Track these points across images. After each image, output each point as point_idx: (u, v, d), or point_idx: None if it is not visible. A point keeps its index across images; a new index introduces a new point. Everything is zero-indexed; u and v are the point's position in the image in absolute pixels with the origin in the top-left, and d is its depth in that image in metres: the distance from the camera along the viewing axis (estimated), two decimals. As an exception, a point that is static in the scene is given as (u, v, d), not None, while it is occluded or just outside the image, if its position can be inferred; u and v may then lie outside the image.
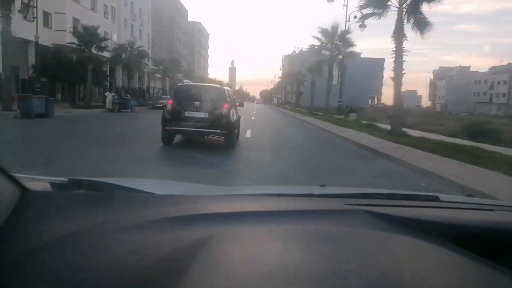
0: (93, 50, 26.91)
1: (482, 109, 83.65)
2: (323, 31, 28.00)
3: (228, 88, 10.42)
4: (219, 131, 8.58)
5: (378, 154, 9.48)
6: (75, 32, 26.23)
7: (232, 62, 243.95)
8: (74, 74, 25.84)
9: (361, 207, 0.97)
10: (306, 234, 0.78)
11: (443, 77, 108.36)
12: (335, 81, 29.41)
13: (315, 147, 11.67)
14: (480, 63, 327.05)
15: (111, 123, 17.37)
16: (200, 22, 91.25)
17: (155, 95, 38.36)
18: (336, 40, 27.75)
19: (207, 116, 8.55)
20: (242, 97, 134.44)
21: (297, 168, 7.06)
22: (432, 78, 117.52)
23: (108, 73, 36.31)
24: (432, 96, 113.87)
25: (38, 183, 1.00)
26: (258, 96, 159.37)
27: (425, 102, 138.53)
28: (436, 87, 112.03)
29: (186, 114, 8.56)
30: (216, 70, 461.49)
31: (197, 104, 8.65)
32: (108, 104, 26.08)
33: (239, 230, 0.78)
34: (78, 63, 26.17)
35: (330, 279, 0.57)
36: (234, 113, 9.45)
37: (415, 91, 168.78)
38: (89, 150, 7.99)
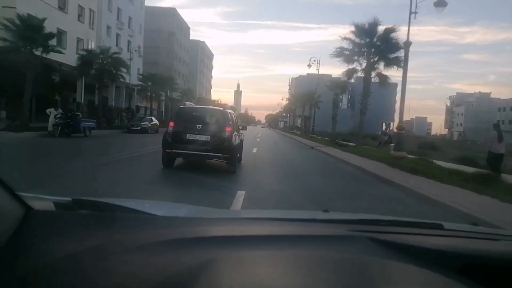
0: (36, 51, 19.00)
1: (509, 139, 74.74)
2: (358, 29, 18.91)
3: (231, 111, 9.67)
4: (220, 155, 8.16)
5: None
6: (7, 25, 18.30)
7: (238, 86, 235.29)
8: (6, 83, 17.88)
9: (364, 234, 0.95)
10: (308, 260, 0.77)
11: (461, 103, 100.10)
12: (345, 103, 21.48)
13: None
14: (486, 91, 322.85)
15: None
16: (203, 41, 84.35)
17: (137, 115, 30.14)
18: (376, 41, 19.09)
19: (209, 139, 8.21)
20: (247, 121, 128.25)
21: None
22: (448, 104, 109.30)
23: (75, 85, 28.49)
24: (449, 123, 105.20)
25: (42, 202, 0.99)
26: (263, 120, 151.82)
27: (436, 129, 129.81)
28: (453, 114, 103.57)
29: (187, 137, 8.20)
30: (222, 93, 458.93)
31: (199, 127, 8.29)
32: (50, 126, 17.92)
33: (240, 254, 0.77)
34: (11, 68, 18.18)
35: None
36: (237, 136, 8.99)
37: (425, 117, 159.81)
38: None
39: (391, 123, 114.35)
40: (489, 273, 0.83)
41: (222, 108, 9.63)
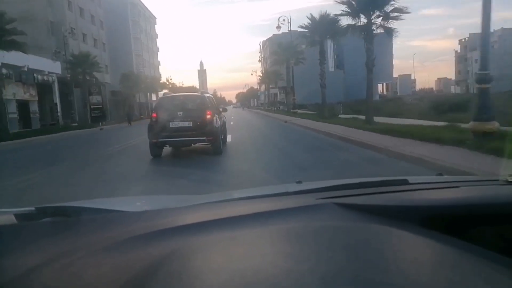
0: None
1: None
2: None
3: (210, 95, 10.75)
4: (204, 138, 8.64)
5: None
6: None
7: (201, 64, 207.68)
8: None
9: (331, 200, 0.96)
10: (275, 235, 0.77)
11: (477, 47, 79.02)
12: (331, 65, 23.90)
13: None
14: (446, 45, 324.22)
15: None
16: (134, -5, 58.65)
17: None
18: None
19: (191, 125, 8.67)
20: (217, 102, 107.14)
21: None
22: (459, 50, 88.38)
23: None
24: (463, 73, 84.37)
25: (1, 216, 0.96)
26: (234, 101, 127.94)
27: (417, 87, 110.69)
28: (466, 61, 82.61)
29: (170, 125, 8.61)
30: (184, 73, 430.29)
31: (180, 114, 8.76)
32: None
33: (199, 241, 0.76)
34: None
35: (284, 281, 0.55)
36: (218, 119, 9.36)
37: (409, 75, 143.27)
38: None
39: (390, 84, 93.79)
40: (451, 221, 0.84)
41: (200, 94, 10.46)
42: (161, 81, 62.76)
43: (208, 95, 10.22)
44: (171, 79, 67.05)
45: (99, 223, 0.91)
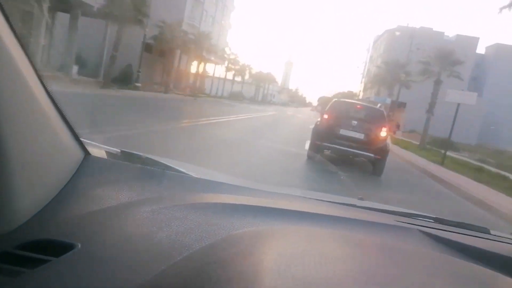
0: None
1: None
2: None
3: (383, 110, 10.38)
4: (372, 155, 8.16)
5: None
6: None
7: (290, 56, 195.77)
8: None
9: (414, 226, 1.00)
10: (354, 242, 0.79)
11: None
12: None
13: None
14: None
15: None
16: None
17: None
18: None
19: (363, 138, 8.27)
20: (297, 102, 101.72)
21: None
22: None
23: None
24: None
25: (96, 149, 1.01)
26: (315, 103, 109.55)
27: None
28: None
29: (341, 132, 8.33)
30: (267, 60, 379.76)
31: (354, 123, 8.39)
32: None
33: (284, 227, 0.80)
34: None
35: None
36: (389, 138, 9.14)
37: None
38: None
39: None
40: None
41: (377, 107, 10.07)
42: (218, 49, 46.84)
43: (382, 109, 9.80)
44: (230, 50, 49.90)
45: (183, 182, 0.97)
